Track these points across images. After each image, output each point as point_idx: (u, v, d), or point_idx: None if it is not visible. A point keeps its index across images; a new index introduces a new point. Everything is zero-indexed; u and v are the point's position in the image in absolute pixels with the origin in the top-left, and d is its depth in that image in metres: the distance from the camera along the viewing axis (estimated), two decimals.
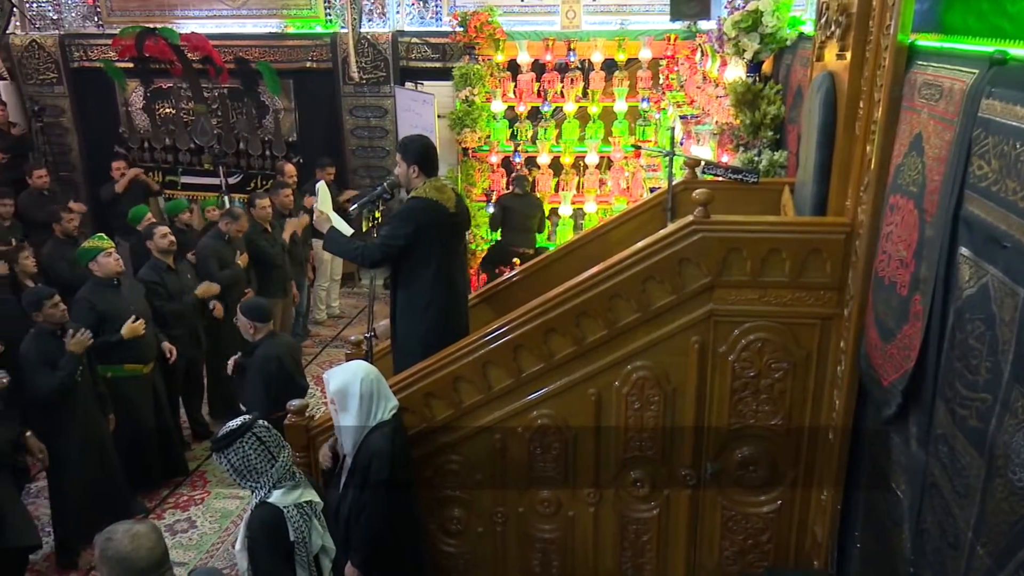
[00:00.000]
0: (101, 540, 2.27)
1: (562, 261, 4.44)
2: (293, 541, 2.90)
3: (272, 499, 2.90)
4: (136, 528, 2.29)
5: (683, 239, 3.12)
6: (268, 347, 4.35)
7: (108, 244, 5.06)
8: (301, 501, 2.94)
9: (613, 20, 7.82)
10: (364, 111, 8.65)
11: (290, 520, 2.89)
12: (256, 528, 2.89)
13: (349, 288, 8.91)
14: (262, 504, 2.90)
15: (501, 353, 3.38)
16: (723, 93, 5.21)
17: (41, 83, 9.16)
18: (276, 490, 2.91)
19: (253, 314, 4.41)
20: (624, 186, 7.71)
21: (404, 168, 3.90)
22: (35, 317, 4.48)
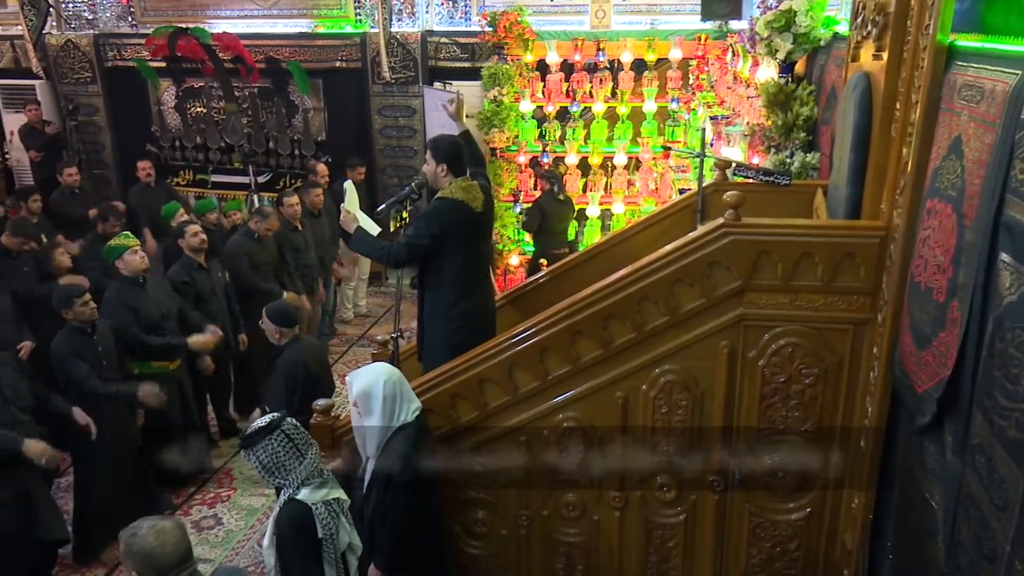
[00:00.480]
0: (126, 536, 2.29)
1: (590, 263, 4.41)
2: (321, 538, 2.93)
3: (300, 496, 2.92)
4: (161, 524, 2.30)
5: (713, 242, 3.08)
6: (293, 352, 4.32)
7: (133, 242, 5.11)
8: (329, 498, 2.97)
9: (643, 20, 7.76)
10: (392, 111, 8.67)
11: (318, 517, 2.91)
12: (284, 524, 2.91)
13: (376, 287, 8.94)
14: (290, 501, 2.93)
15: (527, 355, 3.36)
16: (754, 94, 5.15)
17: (76, 82, 9.29)
18: (304, 487, 2.93)
19: (279, 319, 4.38)
20: (652, 187, 7.65)
21: (432, 167, 3.90)
22: (65, 315, 4.52)
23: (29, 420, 4.22)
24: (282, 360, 4.34)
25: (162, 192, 7.88)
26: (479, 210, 3.88)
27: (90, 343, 4.54)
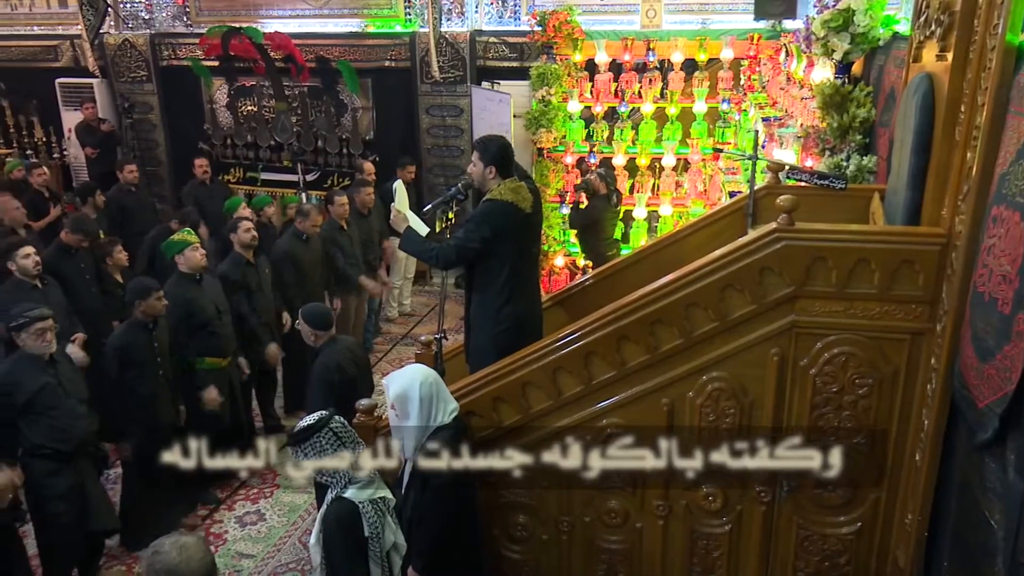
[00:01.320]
0: (148, 554, 2.26)
1: (636, 266, 4.35)
2: (367, 536, 2.93)
3: (348, 494, 2.93)
4: (184, 540, 2.28)
5: (765, 247, 3.00)
6: (328, 354, 4.28)
7: (194, 239, 5.20)
8: (376, 497, 2.97)
9: (694, 19, 7.65)
10: (440, 110, 8.68)
11: (365, 516, 2.92)
12: (332, 522, 2.93)
13: (421, 286, 8.96)
14: (338, 499, 2.94)
15: (572, 359, 3.32)
16: (809, 95, 5.03)
17: (132, 81, 9.49)
18: (352, 486, 2.94)
19: (314, 321, 4.35)
20: (701, 189, 7.54)
21: (480, 168, 3.87)
22: (136, 307, 4.60)
23: (86, 412, 4.31)
24: (318, 363, 4.31)
25: (217, 189, 8.01)
26: (528, 211, 3.84)
27: (149, 338, 4.62)
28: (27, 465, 4.03)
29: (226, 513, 5.17)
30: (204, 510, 5.19)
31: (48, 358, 4.15)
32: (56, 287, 5.28)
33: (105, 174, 8.37)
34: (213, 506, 5.20)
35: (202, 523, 5.08)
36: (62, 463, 4.09)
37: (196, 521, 5.07)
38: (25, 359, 4.10)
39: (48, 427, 4.07)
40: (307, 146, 9.18)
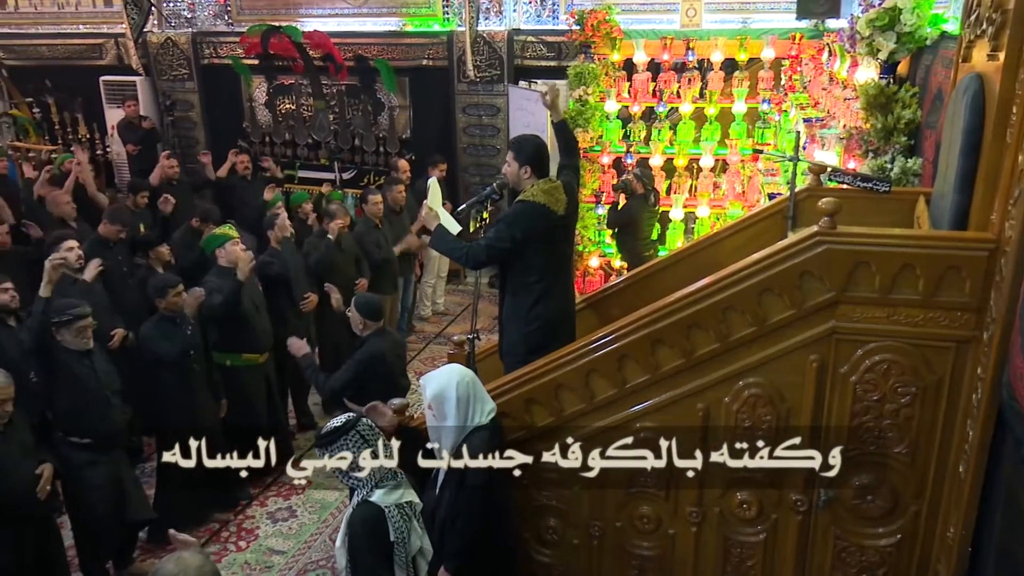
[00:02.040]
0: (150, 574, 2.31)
1: (672, 269, 4.29)
2: (393, 541, 2.89)
3: (374, 498, 2.89)
4: (182, 553, 2.31)
5: (806, 251, 2.92)
6: (374, 344, 4.38)
7: (235, 234, 5.25)
8: (402, 501, 2.93)
9: (735, 19, 7.56)
10: (477, 109, 8.68)
11: (391, 520, 2.88)
12: (357, 526, 2.89)
13: (454, 285, 8.97)
14: (364, 503, 2.90)
15: (605, 362, 3.27)
16: (852, 95, 4.92)
17: (173, 79, 9.62)
18: (378, 489, 2.90)
19: (365, 311, 4.43)
20: (739, 190, 7.43)
21: (515, 168, 3.84)
22: (158, 303, 4.67)
23: (120, 403, 4.37)
24: (363, 351, 4.39)
25: (258, 185, 8.07)
26: (561, 213, 3.80)
27: (178, 331, 4.66)
28: (63, 456, 4.09)
29: (258, 509, 5.21)
30: (237, 505, 5.22)
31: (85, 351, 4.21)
32: (97, 281, 5.34)
33: (146, 170, 8.47)
34: (246, 501, 5.24)
35: (234, 518, 5.12)
36: (97, 454, 4.13)
37: (228, 516, 5.12)
38: (63, 351, 4.16)
39: (83, 419, 4.12)
40: (344, 144, 9.24)
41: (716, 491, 3.34)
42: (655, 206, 7.05)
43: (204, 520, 5.02)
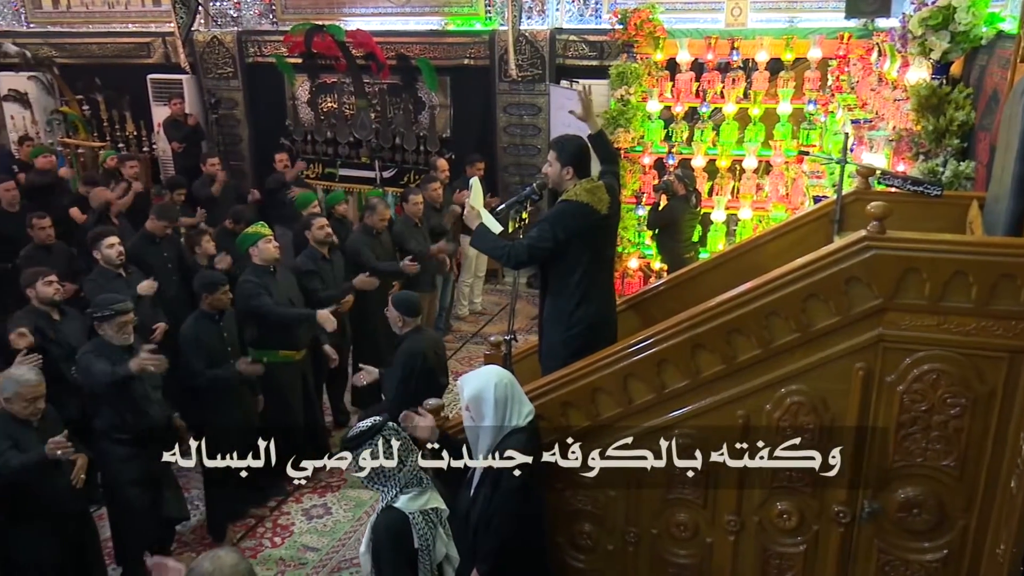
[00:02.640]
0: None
1: (714, 272, 4.21)
2: (417, 548, 2.85)
3: (398, 504, 2.86)
4: (216, 551, 2.33)
5: (853, 256, 2.84)
6: (414, 342, 4.39)
7: (267, 231, 5.28)
8: (427, 508, 2.89)
9: (781, 18, 7.43)
10: (518, 108, 8.65)
11: (415, 527, 2.84)
12: (381, 533, 2.86)
13: (492, 285, 8.95)
14: (388, 508, 2.87)
15: (644, 366, 3.22)
16: (902, 96, 4.80)
17: (219, 77, 9.74)
18: (403, 495, 2.87)
19: (403, 308, 4.45)
20: (783, 192, 7.30)
21: (557, 168, 3.80)
22: (203, 299, 4.71)
23: (160, 399, 4.42)
24: (403, 349, 4.42)
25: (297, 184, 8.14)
26: (604, 212, 3.75)
27: (217, 329, 4.71)
28: (103, 450, 4.14)
29: (294, 505, 5.24)
30: (273, 501, 5.26)
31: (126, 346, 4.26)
32: (140, 276, 5.42)
33: (190, 167, 8.62)
34: (281, 497, 5.27)
35: (270, 514, 5.16)
36: (136, 449, 4.18)
37: (264, 512, 5.15)
38: (104, 345, 4.22)
39: (123, 413, 4.18)
40: (385, 143, 9.28)
41: (755, 500, 3.27)
42: (696, 207, 6.96)
43: (241, 514, 5.06)
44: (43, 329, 4.66)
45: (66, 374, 4.51)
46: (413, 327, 4.48)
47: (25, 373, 3.73)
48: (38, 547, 3.83)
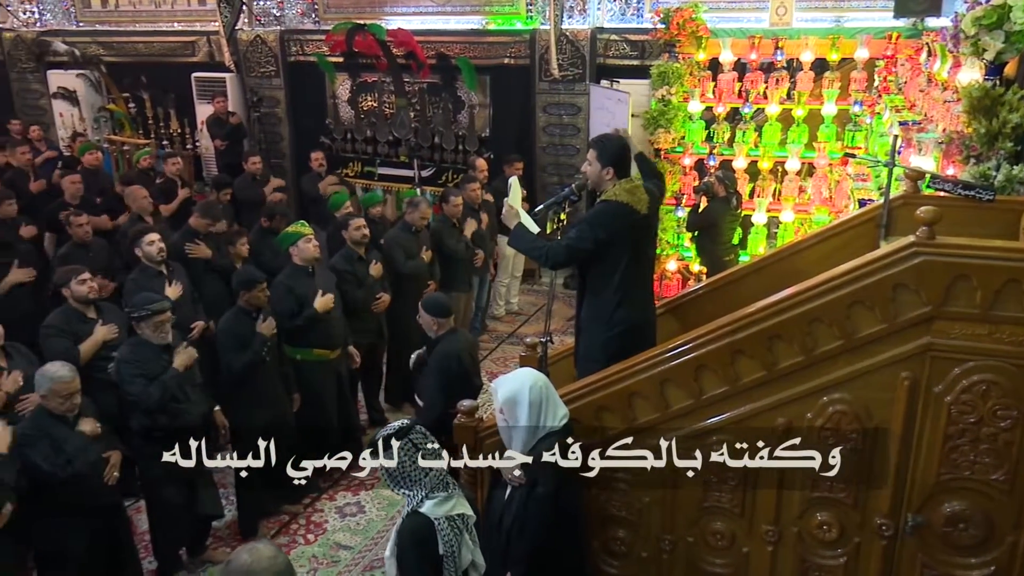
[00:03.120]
0: (221, 569, 2.36)
1: (755, 276, 4.13)
2: (442, 555, 2.80)
3: (424, 509, 2.81)
4: (254, 544, 2.34)
5: (901, 262, 2.76)
6: (449, 343, 4.38)
7: (308, 231, 5.29)
8: (453, 514, 2.83)
9: (827, 17, 7.28)
10: (557, 108, 8.60)
11: (440, 533, 2.79)
12: (406, 538, 2.82)
13: (529, 285, 8.90)
14: (413, 513, 2.82)
15: (682, 372, 3.16)
16: (953, 98, 4.66)
17: (261, 75, 9.84)
18: (428, 500, 2.81)
19: (434, 310, 4.44)
20: (826, 195, 7.16)
21: (597, 168, 3.75)
22: (241, 296, 4.74)
23: (200, 397, 4.46)
24: (437, 351, 4.39)
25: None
26: (644, 212, 3.70)
27: (253, 326, 4.73)
28: (138, 447, 4.18)
29: (327, 503, 5.25)
30: (307, 498, 5.28)
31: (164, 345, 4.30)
32: (182, 272, 5.47)
33: (232, 164, 8.71)
34: (315, 495, 5.29)
35: (304, 511, 5.18)
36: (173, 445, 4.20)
37: (298, 509, 5.18)
38: (143, 343, 4.26)
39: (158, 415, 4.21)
40: (424, 142, 9.30)
41: (794, 510, 3.20)
42: (737, 209, 6.86)
43: (274, 512, 5.09)
44: (76, 330, 4.70)
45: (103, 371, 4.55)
46: (448, 328, 4.46)
47: (59, 369, 3.76)
48: (70, 538, 3.88)
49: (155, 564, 4.57)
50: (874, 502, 3.08)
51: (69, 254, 5.73)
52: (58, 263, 5.46)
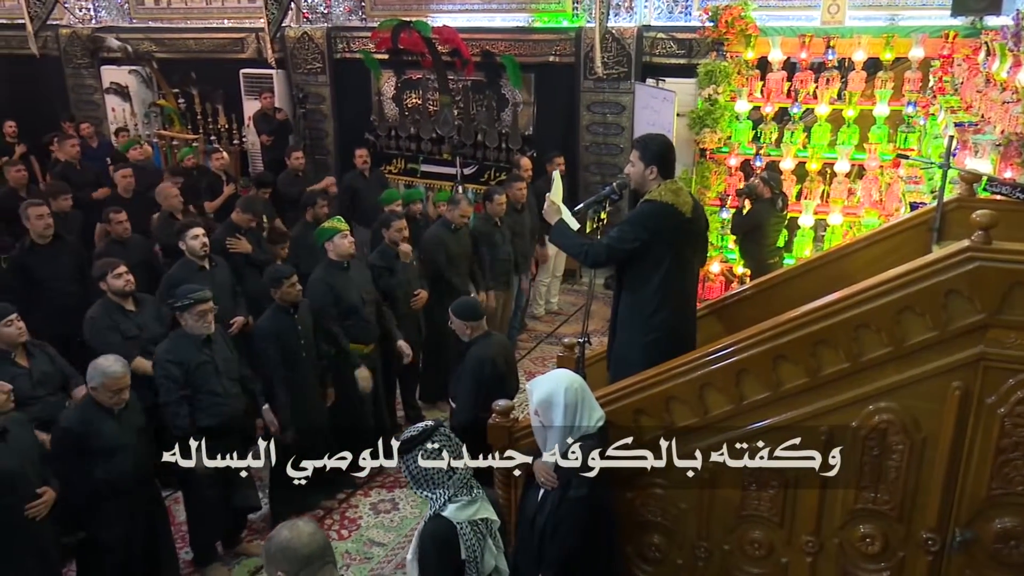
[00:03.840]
0: (264, 545, 2.35)
1: (801, 279, 4.02)
2: (464, 560, 2.76)
3: (446, 513, 2.77)
4: (294, 521, 2.36)
5: (954, 267, 2.65)
6: (483, 348, 4.31)
7: (344, 227, 5.30)
8: (476, 518, 2.79)
9: (882, 15, 7.11)
10: (601, 107, 8.53)
11: (462, 537, 2.75)
12: (427, 542, 2.78)
13: (570, 284, 8.84)
14: (436, 517, 2.78)
15: (722, 376, 3.08)
16: (1012, 98, 4.50)
17: (307, 72, 9.92)
18: (451, 504, 2.77)
19: (464, 314, 4.37)
20: (876, 198, 6.97)
21: (640, 168, 3.67)
22: (273, 293, 4.77)
23: (238, 392, 4.50)
24: (471, 355, 4.33)
25: (375, 180, 8.21)
26: (688, 215, 3.62)
27: (291, 322, 4.76)
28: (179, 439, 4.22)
29: (362, 499, 5.26)
30: (342, 494, 5.29)
31: (205, 337, 4.33)
32: (224, 267, 5.52)
33: (278, 160, 8.79)
34: (350, 490, 5.30)
35: (338, 506, 5.19)
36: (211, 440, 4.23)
37: (333, 504, 5.19)
38: (184, 337, 4.30)
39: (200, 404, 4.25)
40: (467, 139, 9.29)
41: (836, 521, 3.10)
42: (783, 211, 6.71)
43: (311, 506, 5.11)
44: (118, 322, 4.77)
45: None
46: (481, 331, 4.39)
47: (112, 364, 3.79)
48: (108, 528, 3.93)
49: (191, 555, 4.62)
50: (920, 515, 2.97)
51: (106, 250, 5.76)
52: (96, 258, 5.53)
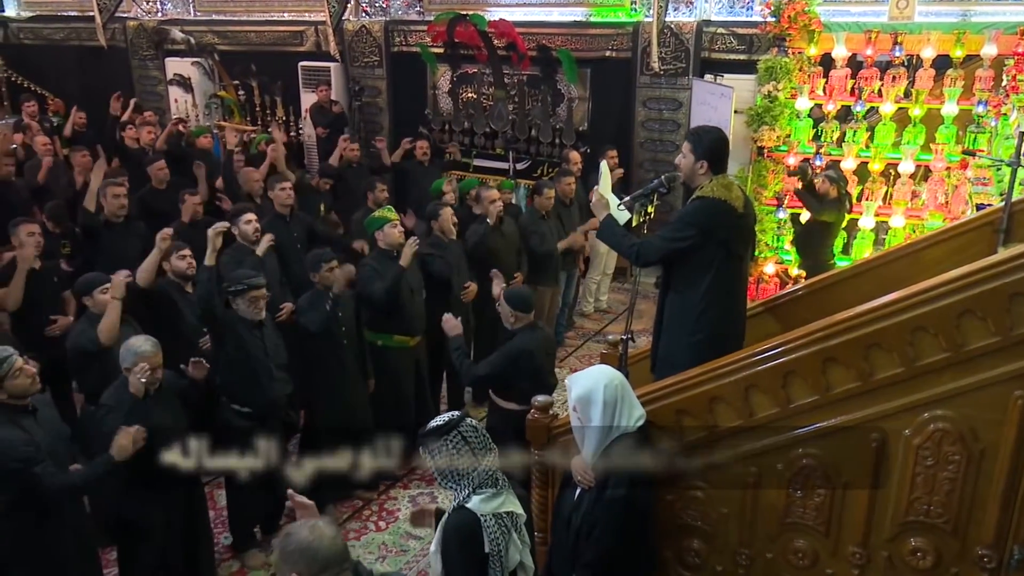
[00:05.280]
0: (280, 541, 2.27)
1: (856, 280, 3.88)
2: (488, 553, 2.71)
3: (470, 505, 2.72)
4: (315, 522, 2.29)
5: (1020, 269, 2.50)
6: (524, 339, 4.30)
7: (394, 216, 5.31)
8: (501, 511, 2.73)
9: (954, 11, 6.83)
10: (658, 103, 8.40)
11: (486, 530, 2.70)
12: (451, 533, 2.74)
13: (620, 283, 8.72)
14: (459, 508, 2.74)
15: (768, 378, 2.96)
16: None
17: (364, 65, 9.99)
18: (476, 496, 2.72)
19: (515, 303, 4.36)
20: (942, 200, 6.70)
21: (691, 161, 3.56)
22: (312, 277, 4.79)
23: (284, 377, 4.52)
24: (513, 344, 4.31)
25: (434, 172, 8.23)
26: (741, 211, 3.50)
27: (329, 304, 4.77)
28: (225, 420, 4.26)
29: (401, 491, 5.25)
30: (382, 485, 5.29)
31: (256, 322, 4.36)
32: (272, 255, 5.57)
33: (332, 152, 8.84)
34: (390, 482, 5.29)
35: (377, 497, 5.19)
36: (256, 424, 4.26)
37: (372, 495, 5.19)
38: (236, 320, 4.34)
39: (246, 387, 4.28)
40: (521, 134, 9.25)
41: (885, 533, 2.96)
42: (847, 211, 6.48)
43: (348, 497, 5.11)
44: (176, 301, 4.85)
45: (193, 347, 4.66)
46: (526, 323, 4.37)
47: (143, 344, 3.81)
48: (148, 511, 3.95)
49: (230, 540, 4.66)
50: (976, 530, 2.82)
51: (177, 232, 5.87)
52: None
